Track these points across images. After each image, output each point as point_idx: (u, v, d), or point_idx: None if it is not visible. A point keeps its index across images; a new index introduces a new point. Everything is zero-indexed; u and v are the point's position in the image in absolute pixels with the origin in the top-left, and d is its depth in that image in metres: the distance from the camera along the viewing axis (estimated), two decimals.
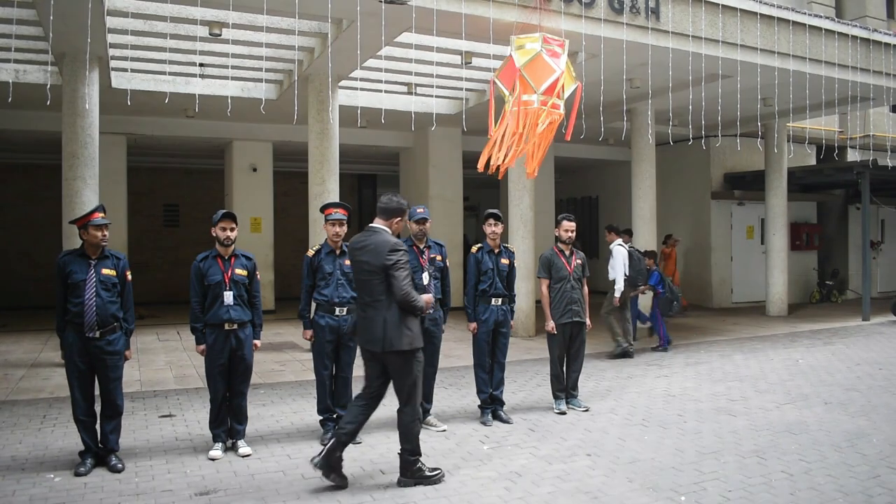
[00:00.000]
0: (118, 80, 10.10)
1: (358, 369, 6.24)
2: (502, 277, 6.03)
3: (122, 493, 4.30)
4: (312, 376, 5.70)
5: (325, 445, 4.45)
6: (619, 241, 9.30)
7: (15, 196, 15.29)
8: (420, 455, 4.47)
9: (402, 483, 4.42)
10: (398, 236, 4.63)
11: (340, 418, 5.45)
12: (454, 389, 7.21)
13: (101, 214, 4.80)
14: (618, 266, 8.95)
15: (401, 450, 4.46)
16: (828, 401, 6.61)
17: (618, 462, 4.87)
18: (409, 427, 4.42)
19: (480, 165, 7.51)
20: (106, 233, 4.79)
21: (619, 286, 8.86)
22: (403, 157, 15.73)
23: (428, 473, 4.45)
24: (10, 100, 8.10)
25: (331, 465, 4.35)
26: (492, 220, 6.04)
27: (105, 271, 4.77)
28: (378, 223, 4.54)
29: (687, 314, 13.06)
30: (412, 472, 4.43)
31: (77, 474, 4.59)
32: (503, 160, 7.39)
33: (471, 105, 11.97)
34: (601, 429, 5.71)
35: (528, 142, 7.39)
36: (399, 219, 4.58)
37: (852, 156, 16.49)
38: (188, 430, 5.69)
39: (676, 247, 13.66)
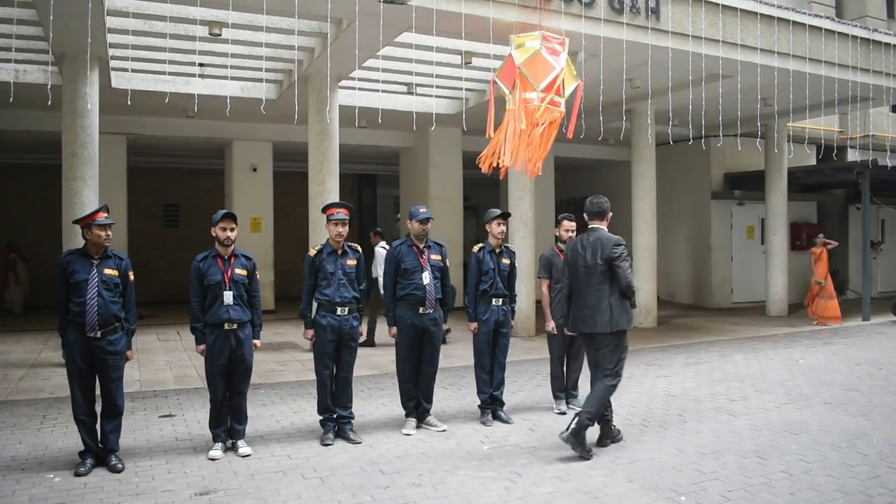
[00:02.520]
0: (118, 80, 10.10)
1: (359, 369, 6.24)
2: (503, 277, 6.02)
3: (122, 493, 4.30)
4: (312, 376, 5.70)
5: (575, 421, 4.98)
6: (383, 243, 9.97)
7: (15, 196, 15.29)
8: (594, 423, 5.03)
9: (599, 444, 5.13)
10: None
11: (340, 418, 5.47)
12: (454, 389, 7.21)
13: (105, 214, 4.82)
14: (380, 267, 9.62)
15: (582, 411, 4.95)
16: (828, 401, 6.61)
17: (618, 462, 4.87)
18: (605, 394, 5.04)
19: (484, 165, 7.50)
20: (109, 233, 4.80)
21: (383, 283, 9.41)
22: (403, 157, 15.73)
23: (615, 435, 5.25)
24: (11, 100, 8.12)
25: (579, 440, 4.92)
26: (500, 220, 6.02)
27: (107, 271, 4.77)
28: (596, 224, 5.22)
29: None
30: (580, 437, 4.91)
31: (77, 474, 4.59)
32: (508, 160, 7.37)
33: (471, 105, 11.96)
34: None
35: (529, 140, 7.38)
36: (610, 214, 5.31)
37: (852, 156, 16.47)
38: (188, 430, 5.69)
39: (829, 248, 12.61)
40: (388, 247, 9.50)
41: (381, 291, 9.32)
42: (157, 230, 16.66)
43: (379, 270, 9.52)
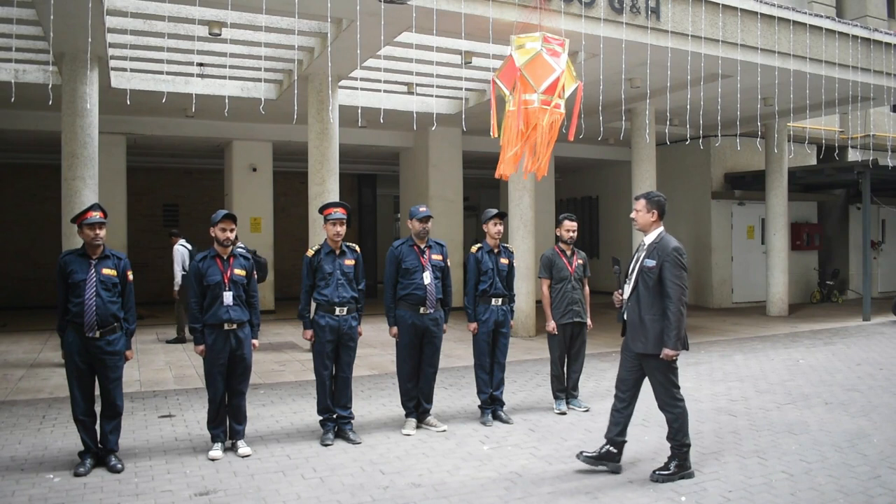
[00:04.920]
0: (118, 80, 10.10)
1: (358, 369, 6.24)
2: (502, 277, 6.01)
3: (121, 494, 4.29)
4: (312, 376, 5.70)
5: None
6: (182, 241, 10.48)
7: (15, 196, 15.29)
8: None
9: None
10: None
11: (340, 418, 5.46)
12: (454, 389, 7.21)
13: (95, 213, 4.74)
14: (177, 264, 10.33)
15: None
16: (828, 401, 6.60)
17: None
18: None
19: (502, 175, 7.49)
20: (99, 232, 4.73)
21: (178, 280, 10.21)
22: (403, 157, 15.73)
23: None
24: (12, 100, 8.12)
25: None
26: (497, 220, 6.02)
27: (105, 271, 4.75)
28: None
29: None
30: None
31: (76, 474, 4.58)
32: (525, 163, 7.38)
33: (471, 105, 11.96)
34: (601, 429, 5.66)
35: (531, 143, 7.37)
36: None
37: (853, 156, 16.48)
38: (188, 430, 5.68)
39: None
40: (187, 245, 10.35)
41: (175, 288, 10.22)
42: (156, 230, 16.65)
43: (176, 269, 10.28)
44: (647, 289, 4.50)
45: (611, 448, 4.66)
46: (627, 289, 4.68)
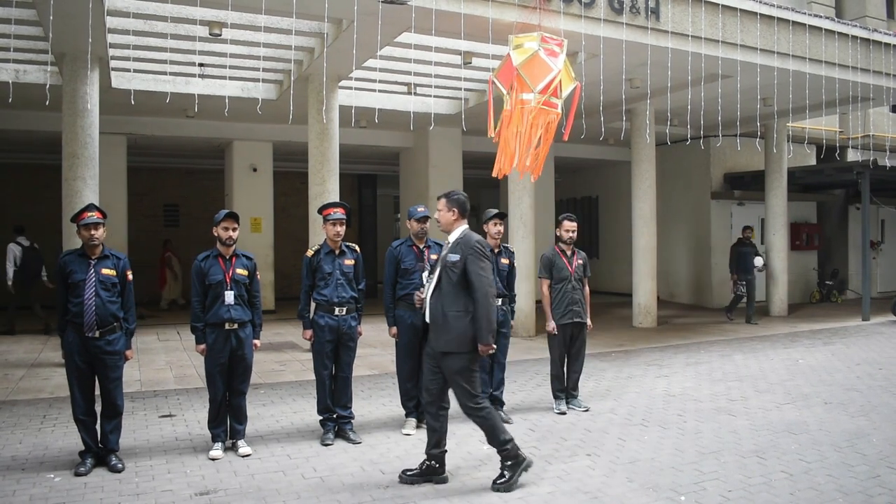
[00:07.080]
0: (118, 80, 10.11)
1: (358, 369, 6.25)
2: (502, 277, 6.02)
3: (122, 493, 4.30)
4: (312, 376, 5.71)
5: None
6: (20, 238, 10.87)
7: (15, 196, 15.29)
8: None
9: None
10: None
11: (340, 418, 5.47)
12: None
13: (91, 214, 4.74)
14: (9, 262, 10.74)
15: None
16: (828, 401, 6.61)
17: (618, 462, 4.87)
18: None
19: (499, 173, 7.50)
20: (95, 232, 4.73)
21: (10, 276, 10.70)
22: (403, 157, 15.74)
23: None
24: (10, 100, 8.13)
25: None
26: (497, 220, 6.03)
27: (105, 271, 4.76)
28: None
29: None
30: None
31: (77, 474, 4.59)
32: (517, 163, 7.39)
33: (471, 105, 11.97)
34: (601, 429, 5.71)
35: (527, 143, 7.38)
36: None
37: (852, 156, 16.49)
38: (188, 430, 5.69)
39: None
40: (24, 243, 10.65)
41: (9, 283, 10.66)
42: (156, 230, 16.66)
43: (8, 267, 10.67)
44: (451, 284, 4.41)
45: (431, 462, 4.51)
46: (429, 287, 4.59)
